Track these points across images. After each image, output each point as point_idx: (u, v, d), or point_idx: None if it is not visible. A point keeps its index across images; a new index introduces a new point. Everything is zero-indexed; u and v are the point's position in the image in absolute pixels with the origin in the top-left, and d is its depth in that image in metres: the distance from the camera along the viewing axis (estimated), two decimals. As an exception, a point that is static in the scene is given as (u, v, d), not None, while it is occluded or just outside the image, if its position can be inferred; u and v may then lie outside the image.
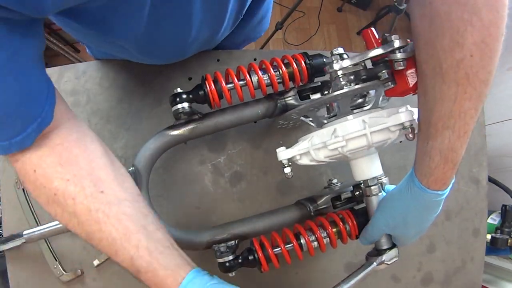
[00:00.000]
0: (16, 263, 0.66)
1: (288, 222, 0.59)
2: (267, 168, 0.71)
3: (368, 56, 0.44)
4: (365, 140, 0.44)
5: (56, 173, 0.39)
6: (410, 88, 0.45)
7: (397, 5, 1.51)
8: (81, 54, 1.94)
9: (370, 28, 0.48)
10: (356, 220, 0.55)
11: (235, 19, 0.59)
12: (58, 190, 0.39)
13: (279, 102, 0.58)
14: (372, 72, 0.47)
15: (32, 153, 0.39)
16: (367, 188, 0.51)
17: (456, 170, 0.43)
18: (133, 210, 0.41)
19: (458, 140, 0.41)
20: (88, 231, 0.40)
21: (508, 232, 0.93)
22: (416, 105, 0.45)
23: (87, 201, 0.39)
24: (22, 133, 0.36)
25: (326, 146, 0.45)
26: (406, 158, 0.76)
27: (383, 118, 0.45)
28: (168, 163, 0.69)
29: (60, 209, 0.40)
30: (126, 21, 0.44)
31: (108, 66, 0.72)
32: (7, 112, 0.34)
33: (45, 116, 0.38)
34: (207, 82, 0.54)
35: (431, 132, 0.42)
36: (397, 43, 0.43)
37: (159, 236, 0.41)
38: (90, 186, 0.40)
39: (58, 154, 0.40)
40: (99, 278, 0.66)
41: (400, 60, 0.43)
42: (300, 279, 0.70)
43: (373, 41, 0.47)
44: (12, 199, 0.67)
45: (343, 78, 0.45)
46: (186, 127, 0.57)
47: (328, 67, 0.46)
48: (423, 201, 0.45)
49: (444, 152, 0.41)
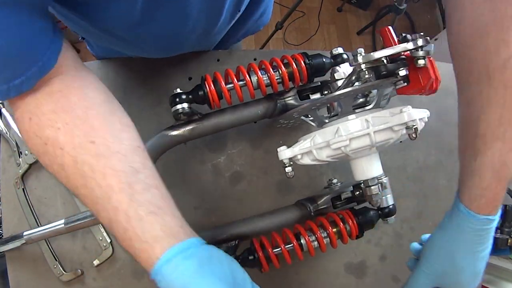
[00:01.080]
0: (16, 263, 0.66)
1: (288, 222, 0.59)
2: (267, 168, 0.71)
3: (396, 51, 0.44)
4: (368, 140, 0.45)
5: (49, 121, 0.36)
6: (423, 86, 0.46)
7: (397, 5, 1.52)
8: (81, 54, 1.94)
9: (388, 26, 0.49)
10: (356, 220, 0.55)
11: (233, 11, 0.58)
12: (48, 140, 0.36)
13: (279, 102, 0.58)
14: (391, 69, 0.47)
15: (30, 100, 0.37)
16: (367, 188, 0.51)
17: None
18: (123, 165, 0.36)
19: (511, 152, 0.37)
20: (74, 187, 0.37)
21: (508, 232, 0.93)
22: (418, 106, 0.45)
23: (74, 152, 0.35)
24: (22, 76, 0.34)
25: (329, 145, 0.45)
26: (406, 158, 0.76)
27: (386, 118, 0.45)
28: (168, 163, 0.69)
29: (50, 160, 0.37)
30: (119, 7, 0.43)
31: (108, 66, 0.72)
32: (7, 53, 0.32)
33: (47, 60, 0.36)
34: (207, 82, 0.54)
35: (478, 146, 0.38)
36: (421, 41, 0.43)
37: (146, 197, 0.36)
38: (80, 136, 0.36)
39: (56, 101, 0.37)
40: (99, 278, 0.66)
41: (422, 57, 0.44)
42: (300, 279, 0.70)
43: (390, 39, 0.47)
44: (12, 199, 0.67)
45: (368, 72, 0.44)
46: (186, 128, 0.57)
47: (352, 60, 0.45)
48: (473, 231, 0.40)
49: (496, 167, 0.37)
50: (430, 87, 0.46)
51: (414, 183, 0.75)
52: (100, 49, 0.71)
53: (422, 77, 0.46)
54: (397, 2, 1.50)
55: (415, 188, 0.75)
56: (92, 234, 0.66)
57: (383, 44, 0.48)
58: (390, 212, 0.54)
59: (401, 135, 0.46)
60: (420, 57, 0.44)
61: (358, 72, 0.46)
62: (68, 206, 0.67)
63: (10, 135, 0.68)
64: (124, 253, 0.67)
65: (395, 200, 0.55)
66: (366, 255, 0.72)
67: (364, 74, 0.44)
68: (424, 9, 2.21)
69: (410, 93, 0.48)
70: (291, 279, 0.70)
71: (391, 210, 0.54)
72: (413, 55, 0.45)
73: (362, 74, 0.45)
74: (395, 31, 0.49)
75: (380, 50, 0.44)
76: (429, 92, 0.48)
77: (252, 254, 0.54)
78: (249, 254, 0.54)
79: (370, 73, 0.45)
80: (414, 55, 0.45)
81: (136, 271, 0.67)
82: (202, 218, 0.69)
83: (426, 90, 0.46)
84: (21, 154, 0.67)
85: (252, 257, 0.53)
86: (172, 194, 0.42)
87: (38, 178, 0.68)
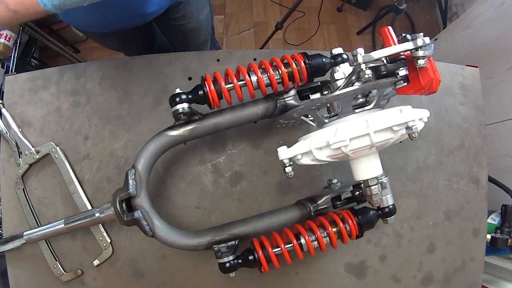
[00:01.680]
0: (16, 263, 0.66)
1: (288, 222, 0.59)
2: (267, 168, 0.71)
3: (396, 51, 0.44)
4: (368, 140, 0.45)
5: None
6: (423, 86, 0.46)
7: (397, 5, 1.51)
8: (81, 54, 1.94)
9: (387, 26, 0.49)
10: (356, 220, 0.55)
11: None
12: None
13: (279, 102, 0.58)
14: (391, 69, 0.47)
15: None
16: (367, 188, 0.51)
17: None
18: None
19: None
20: None
21: (508, 232, 0.93)
22: (418, 106, 0.45)
23: None
24: None
25: (328, 146, 0.45)
26: (406, 158, 0.76)
27: (386, 118, 0.45)
28: (168, 163, 0.69)
29: None
30: None
31: (108, 66, 0.72)
32: None
33: None
34: (207, 82, 0.54)
35: None
36: (420, 41, 0.43)
37: None
38: None
39: None
40: (99, 278, 0.66)
41: (422, 57, 0.44)
42: (300, 279, 0.70)
43: (390, 39, 0.47)
44: (12, 199, 0.67)
45: (368, 72, 0.44)
46: (186, 128, 0.57)
47: (352, 60, 0.46)
48: None
49: None
50: (430, 87, 0.47)
51: (414, 183, 0.75)
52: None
53: (422, 77, 0.46)
54: (397, 2, 1.50)
55: (415, 188, 0.75)
56: (92, 234, 0.66)
57: (383, 44, 0.48)
58: (390, 212, 0.54)
59: (400, 135, 0.46)
60: (420, 57, 0.44)
61: (358, 72, 0.46)
62: (68, 206, 0.67)
63: (10, 135, 0.68)
64: (124, 253, 0.67)
65: (395, 200, 0.55)
66: (366, 255, 0.72)
67: (364, 74, 0.44)
68: (424, 9, 2.22)
69: (410, 93, 0.48)
70: (291, 279, 0.70)
71: (391, 210, 0.54)
72: (413, 55, 0.45)
73: (362, 74, 0.45)
74: (395, 31, 0.49)
75: (379, 50, 0.44)
76: (429, 92, 0.48)
77: (252, 254, 0.54)
78: (249, 254, 0.54)
79: (370, 73, 0.45)
80: (414, 55, 0.45)
81: (136, 271, 0.67)
82: (202, 217, 0.69)
83: (426, 90, 0.46)
84: (21, 154, 0.67)
85: (252, 257, 0.53)
86: (172, 194, 0.42)
87: (38, 178, 0.68)
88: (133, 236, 0.67)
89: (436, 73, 0.46)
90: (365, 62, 0.44)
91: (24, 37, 1.58)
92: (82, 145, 0.69)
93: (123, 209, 0.54)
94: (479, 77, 0.83)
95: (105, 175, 0.68)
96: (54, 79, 0.71)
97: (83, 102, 0.70)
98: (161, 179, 0.68)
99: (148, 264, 0.67)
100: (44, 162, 0.68)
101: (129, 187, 0.54)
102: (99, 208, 0.56)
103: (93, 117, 0.70)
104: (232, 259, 0.54)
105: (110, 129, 0.69)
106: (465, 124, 0.80)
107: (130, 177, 0.54)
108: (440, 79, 0.47)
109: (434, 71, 0.46)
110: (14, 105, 0.70)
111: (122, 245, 0.67)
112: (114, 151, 0.69)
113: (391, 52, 0.44)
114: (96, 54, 1.97)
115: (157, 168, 0.68)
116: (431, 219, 0.75)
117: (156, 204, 0.64)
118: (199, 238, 0.57)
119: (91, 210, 0.58)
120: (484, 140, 0.80)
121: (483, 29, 1.46)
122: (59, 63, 1.79)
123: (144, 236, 0.55)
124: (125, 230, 0.67)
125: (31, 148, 0.67)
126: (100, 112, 0.70)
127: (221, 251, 0.55)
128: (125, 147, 0.69)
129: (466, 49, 1.59)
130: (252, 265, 0.54)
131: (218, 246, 0.56)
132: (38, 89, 0.71)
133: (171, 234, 0.56)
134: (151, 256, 0.67)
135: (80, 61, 1.87)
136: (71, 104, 0.70)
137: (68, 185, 0.66)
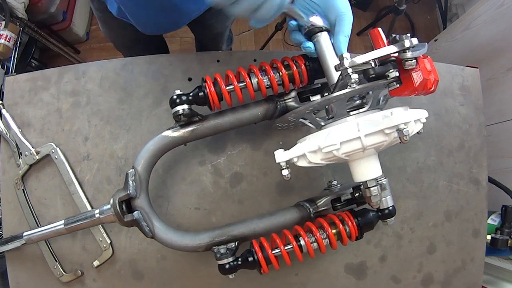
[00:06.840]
0: (16, 263, 0.66)
1: (288, 223, 0.59)
2: (267, 169, 0.71)
3: (381, 54, 0.44)
4: (359, 143, 0.44)
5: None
6: (416, 87, 0.45)
7: (397, 6, 1.52)
8: (81, 55, 1.94)
9: (377, 28, 0.48)
10: (355, 221, 0.54)
11: None
12: None
13: (279, 104, 0.58)
14: (380, 72, 0.47)
15: None
16: (366, 189, 0.51)
17: None
18: None
19: None
20: None
21: (508, 233, 0.93)
22: (418, 107, 0.45)
23: None
24: None
25: (321, 149, 0.45)
26: (406, 159, 0.76)
27: (377, 121, 0.45)
28: (168, 164, 0.69)
29: None
30: None
31: (108, 67, 0.72)
32: None
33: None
34: (207, 84, 0.54)
35: None
36: (407, 42, 0.43)
37: None
38: None
39: None
40: (99, 278, 0.66)
41: (410, 59, 0.43)
42: (300, 280, 0.70)
43: (380, 41, 0.47)
44: (12, 199, 0.67)
45: (355, 76, 0.44)
46: (186, 129, 0.57)
47: (338, 65, 0.45)
48: None
49: None
50: (425, 88, 0.46)
51: (414, 184, 0.75)
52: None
53: (414, 78, 0.45)
54: (397, 3, 1.50)
55: (415, 188, 0.75)
56: (92, 235, 0.66)
57: (373, 46, 0.48)
58: (390, 214, 0.54)
59: (394, 138, 0.45)
60: (408, 59, 0.43)
61: (344, 77, 0.45)
62: (68, 207, 0.67)
63: (10, 136, 0.68)
64: (124, 254, 0.67)
65: (395, 200, 0.55)
66: (366, 256, 0.72)
67: (350, 78, 0.44)
68: (424, 10, 2.22)
69: (404, 95, 0.48)
70: (291, 281, 0.70)
71: (390, 212, 0.54)
72: (401, 57, 0.45)
73: (347, 78, 0.44)
74: (395, 31, 0.48)
75: (364, 53, 0.44)
76: (425, 92, 0.47)
77: (251, 256, 0.54)
78: (248, 256, 0.54)
79: (356, 77, 0.44)
80: (402, 57, 0.44)
81: (136, 272, 0.67)
82: (202, 218, 0.69)
83: (420, 91, 0.46)
84: (21, 155, 0.67)
85: (252, 259, 0.53)
86: (172, 195, 0.42)
87: (38, 179, 0.68)
88: (133, 237, 0.67)
89: (432, 73, 0.45)
90: (351, 67, 0.44)
91: (24, 37, 1.58)
92: (82, 145, 0.69)
93: (123, 210, 0.54)
94: (479, 77, 0.83)
95: (105, 176, 0.68)
96: (54, 79, 0.71)
97: (83, 103, 0.70)
98: (161, 180, 0.68)
99: (148, 265, 0.67)
100: (44, 163, 0.68)
101: (129, 188, 0.54)
102: (99, 209, 0.56)
103: (93, 118, 0.70)
104: (231, 260, 0.54)
105: (110, 130, 0.69)
106: (465, 125, 0.80)
107: (130, 178, 0.54)
108: (438, 79, 0.46)
109: (428, 71, 0.45)
110: (14, 106, 0.70)
111: (122, 246, 0.67)
112: (114, 152, 0.69)
113: (375, 56, 0.44)
114: (96, 55, 1.97)
115: (157, 169, 0.68)
116: (431, 219, 0.75)
117: (156, 205, 0.64)
118: (198, 239, 0.57)
119: (91, 211, 0.58)
120: (484, 140, 0.80)
121: (483, 29, 1.46)
122: (59, 64, 1.79)
123: (144, 237, 0.55)
124: (125, 231, 0.67)
125: (31, 149, 0.67)
126: (100, 113, 0.70)
127: (221, 252, 0.55)
128: (125, 148, 0.69)
129: (466, 50, 1.59)
130: (251, 266, 0.54)
131: (217, 248, 0.56)
132: (38, 89, 0.71)
133: (171, 235, 0.56)
134: (151, 257, 0.67)
135: (80, 62, 1.87)
136: (71, 105, 0.70)
137: (68, 186, 0.66)
